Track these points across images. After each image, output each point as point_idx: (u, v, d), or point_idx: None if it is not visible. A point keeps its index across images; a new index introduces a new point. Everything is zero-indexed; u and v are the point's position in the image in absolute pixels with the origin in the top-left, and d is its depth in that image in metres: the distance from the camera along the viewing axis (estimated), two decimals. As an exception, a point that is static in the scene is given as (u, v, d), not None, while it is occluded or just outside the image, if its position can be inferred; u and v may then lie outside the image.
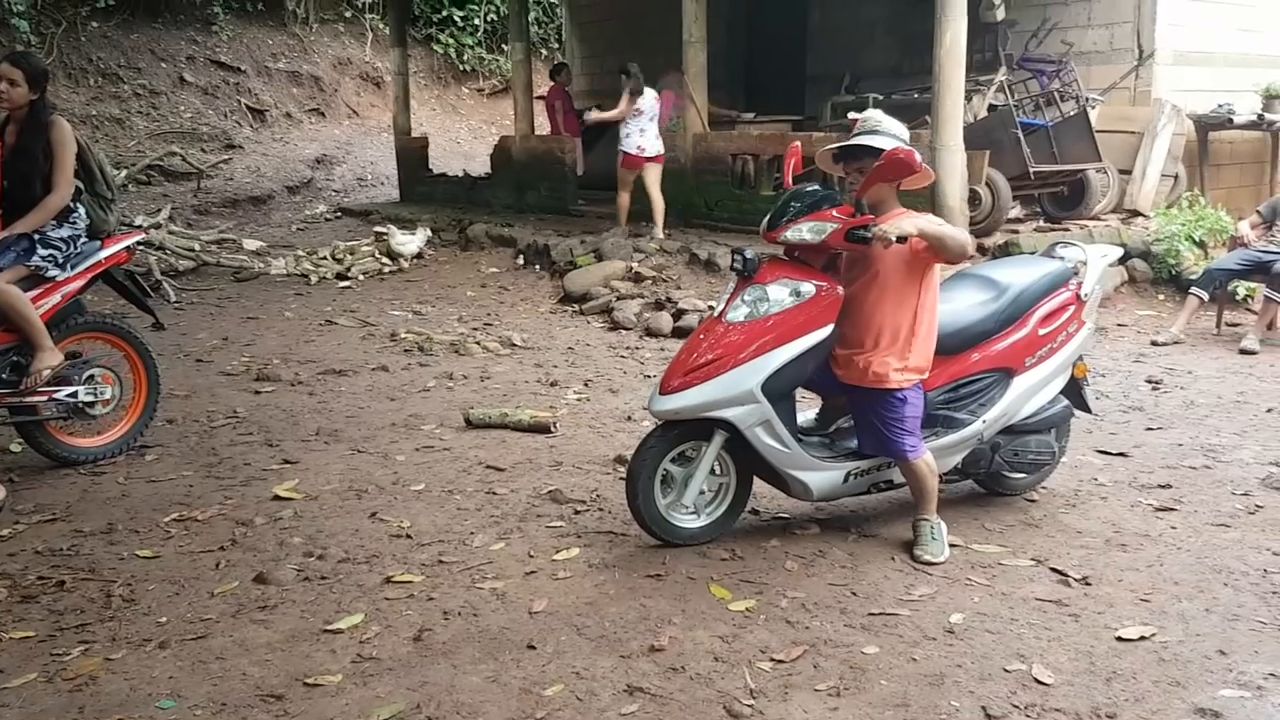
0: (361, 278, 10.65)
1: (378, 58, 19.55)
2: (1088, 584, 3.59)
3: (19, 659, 3.16)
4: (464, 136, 19.75)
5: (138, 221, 11.41)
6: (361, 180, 16.99)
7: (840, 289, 3.75)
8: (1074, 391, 4.37)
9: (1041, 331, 4.13)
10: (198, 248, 11.27)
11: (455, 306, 9.31)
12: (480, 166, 15.97)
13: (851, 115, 9.37)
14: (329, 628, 3.33)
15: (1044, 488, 4.47)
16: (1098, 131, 9.51)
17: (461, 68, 21.00)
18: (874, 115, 3.91)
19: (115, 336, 5.20)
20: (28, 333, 4.69)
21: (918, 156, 3.60)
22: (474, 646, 3.21)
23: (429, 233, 11.79)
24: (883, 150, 3.65)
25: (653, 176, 10.31)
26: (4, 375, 4.75)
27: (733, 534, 4.00)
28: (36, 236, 4.72)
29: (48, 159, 4.75)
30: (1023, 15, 10.55)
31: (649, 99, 10.20)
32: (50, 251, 4.77)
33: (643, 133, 10.21)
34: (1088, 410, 4.53)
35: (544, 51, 20.84)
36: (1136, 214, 9.87)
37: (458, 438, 5.40)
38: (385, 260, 11.16)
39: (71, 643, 3.26)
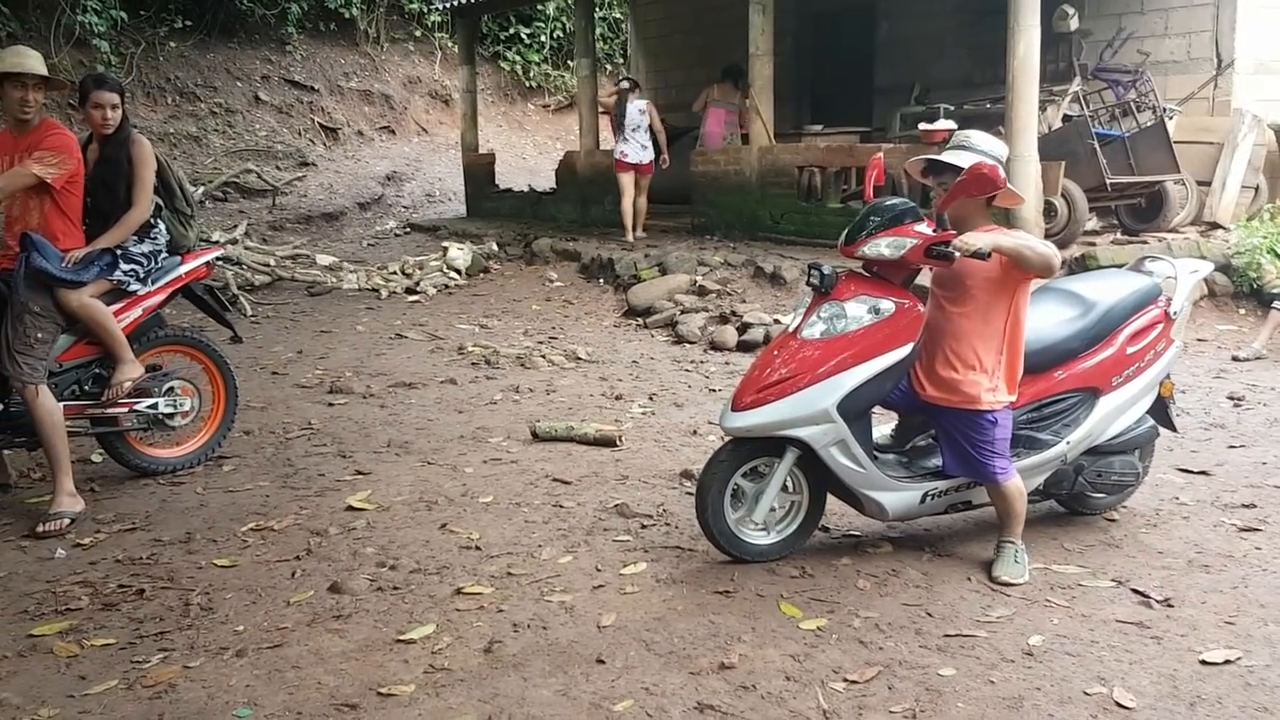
0: (431, 292, 10.79)
1: (446, 76, 19.83)
2: (1170, 606, 3.49)
3: (100, 666, 3.23)
4: (529, 152, 19.94)
5: (215, 237, 11.69)
6: (430, 196, 17.23)
7: (921, 306, 3.68)
8: (1159, 410, 4.25)
9: (1129, 350, 4.02)
10: (273, 263, 11.51)
11: (521, 320, 9.39)
12: (545, 182, 16.10)
13: (922, 126, 9.31)
14: (402, 638, 3.36)
15: (1124, 507, 4.36)
16: (1176, 142, 9.29)
17: (528, 84, 21.22)
18: (968, 132, 3.82)
19: (194, 349, 5.31)
20: (110, 345, 4.81)
21: (1002, 172, 3.52)
22: (544, 659, 3.21)
23: (472, 246, 12.02)
24: (961, 168, 3.60)
25: (639, 184, 11.45)
26: (86, 387, 4.87)
27: (803, 551, 3.96)
28: (119, 252, 4.84)
29: (129, 174, 4.88)
30: (1097, 25, 10.36)
31: (632, 110, 11.20)
32: (132, 266, 4.89)
33: (625, 140, 11.31)
34: (1172, 428, 4.41)
35: (609, 67, 20.96)
36: (1216, 226, 9.62)
37: (524, 450, 5.43)
38: (452, 275, 11.31)
39: (151, 650, 3.32)
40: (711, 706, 2.92)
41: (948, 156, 3.71)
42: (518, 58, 21.01)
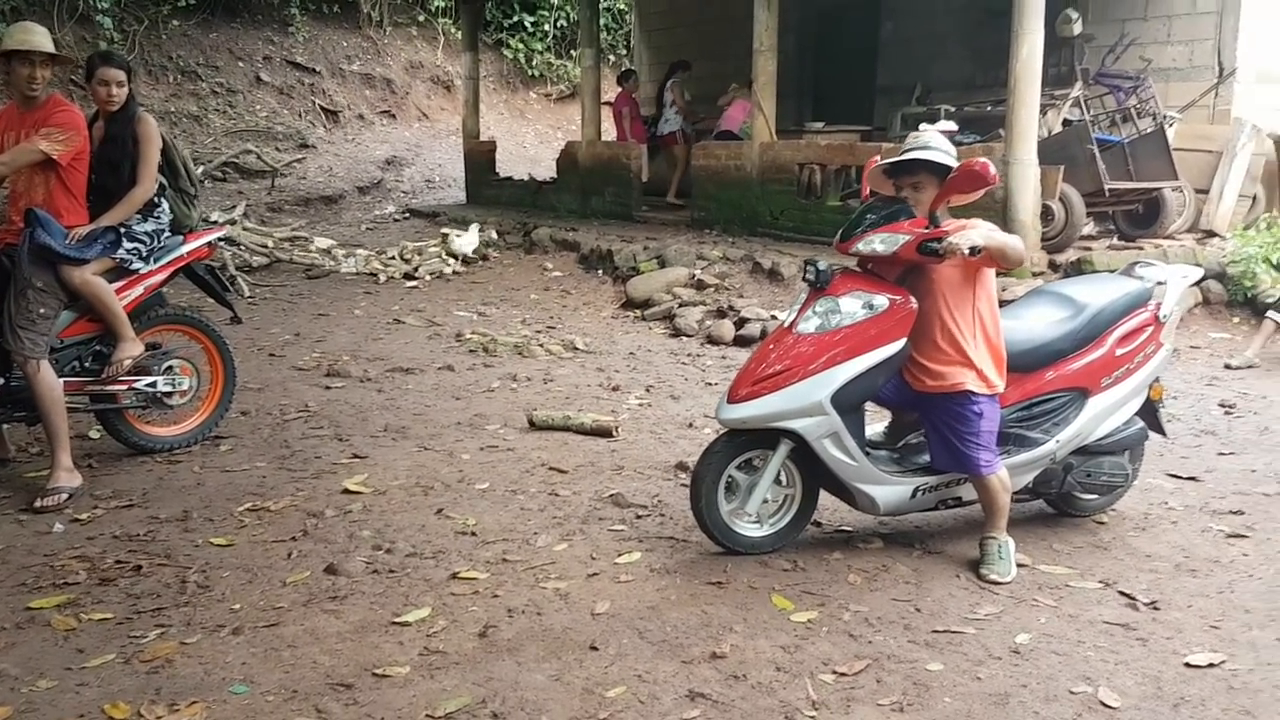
0: (428, 278, 10.80)
1: (449, 62, 19.79)
2: (1156, 608, 3.53)
3: (98, 640, 3.27)
4: (530, 141, 19.93)
5: (213, 217, 11.69)
6: (430, 182, 17.22)
7: (914, 303, 3.73)
8: (1149, 413, 4.31)
9: (1119, 352, 4.07)
10: (271, 244, 11.51)
11: (519, 309, 9.41)
12: (546, 171, 16.10)
13: (923, 127, 9.35)
14: (397, 620, 3.39)
15: (1113, 510, 4.41)
16: (1175, 149, 9.34)
17: (530, 73, 21.19)
18: (924, 134, 3.89)
19: (194, 329, 5.34)
20: (111, 323, 4.84)
21: (993, 169, 3.58)
22: (538, 645, 3.25)
23: (479, 228, 11.97)
24: (936, 163, 3.67)
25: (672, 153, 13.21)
26: (86, 364, 4.90)
27: (795, 545, 4.00)
28: (122, 230, 4.86)
29: (134, 153, 4.90)
30: (1100, 30, 10.40)
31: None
32: (135, 245, 4.91)
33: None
34: (1161, 433, 4.46)
35: (612, 58, 20.93)
36: (1212, 234, 9.67)
37: (521, 438, 5.47)
38: (451, 261, 11.33)
39: (148, 626, 3.36)
40: (703, 695, 2.96)
41: (919, 154, 3.74)
42: (521, 46, 20.97)
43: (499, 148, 16.34)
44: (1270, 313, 7.45)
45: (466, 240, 11.58)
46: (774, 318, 8.06)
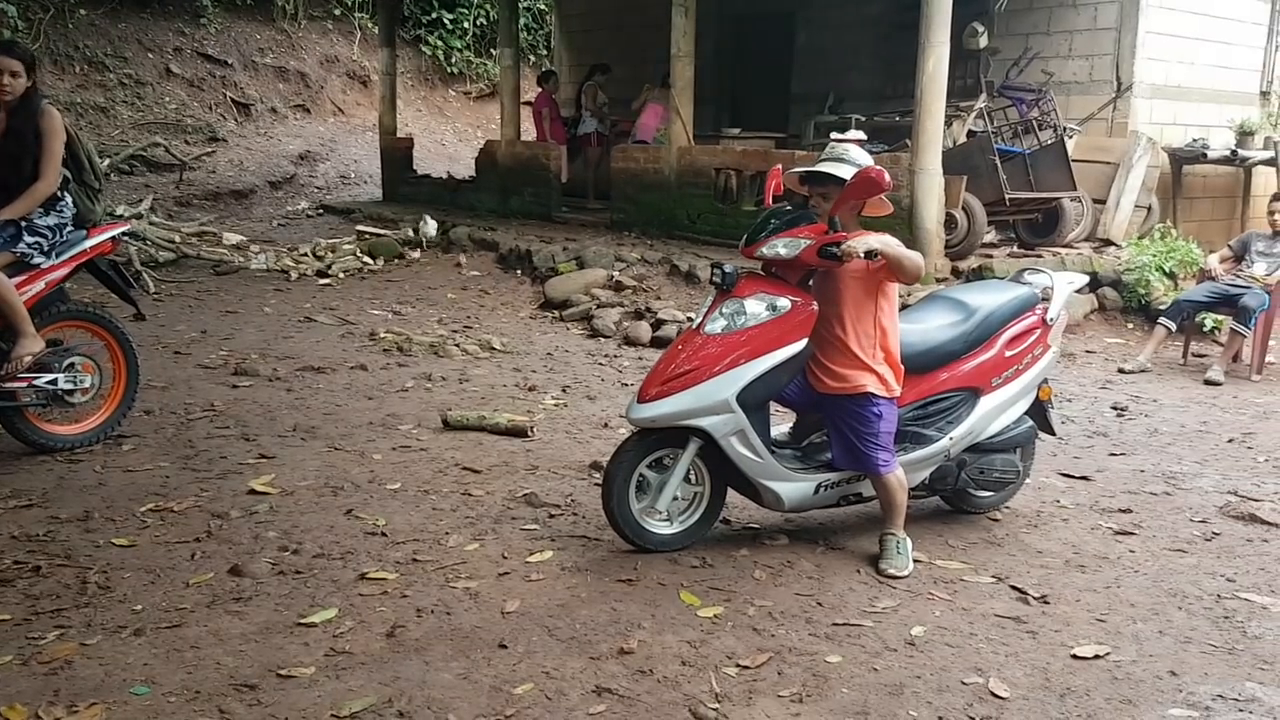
0: (342, 276, 10.67)
1: (365, 57, 19.52)
2: (1046, 602, 3.68)
3: (-6, 641, 3.20)
4: (449, 139, 19.76)
5: (119, 211, 11.38)
6: (344, 178, 16.97)
7: (815, 305, 3.86)
8: (1039, 414, 4.50)
9: (1008, 353, 4.26)
10: (178, 239, 11.26)
11: (435, 308, 9.36)
12: (464, 169, 15.99)
13: (835, 136, 9.54)
14: (303, 621, 3.38)
15: (1007, 507, 4.58)
16: (1074, 161, 9.68)
17: (449, 70, 21.00)
18: (842, 145, 4.03)
19: (97, 326, 5.22)
20: (10, 318, 4.71)
21: (888, 177, 3.72)
22: (446, 644, 3.26)
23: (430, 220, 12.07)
24: (843, 178, 3.80)
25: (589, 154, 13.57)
26: (-15, 360, 4.77)
27: (704, 542, 4.08)
28: (23, 223, 4.74)
29: (37, 146, 4.78)
30: (1005, 44, 10.73)
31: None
32: (36, 239, 4.79)
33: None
34: (1052, 432, 4.66)
35: (532, 58, 20.88)
36: (1109, 243, 10.05)
37: (435, 438, 5.46)
38: (366, 259, 11.21)
39: (47, 627, 3.29)
40: (609, 690, 3.01)
41: (826, 167, 3.88)
42: (440, 43, 20.77)
43: (417, 145, 16.19)
44: (1162, 319, 7.79)
45: (430, 226, 11.69)
46: (690, 320, 8.14)
